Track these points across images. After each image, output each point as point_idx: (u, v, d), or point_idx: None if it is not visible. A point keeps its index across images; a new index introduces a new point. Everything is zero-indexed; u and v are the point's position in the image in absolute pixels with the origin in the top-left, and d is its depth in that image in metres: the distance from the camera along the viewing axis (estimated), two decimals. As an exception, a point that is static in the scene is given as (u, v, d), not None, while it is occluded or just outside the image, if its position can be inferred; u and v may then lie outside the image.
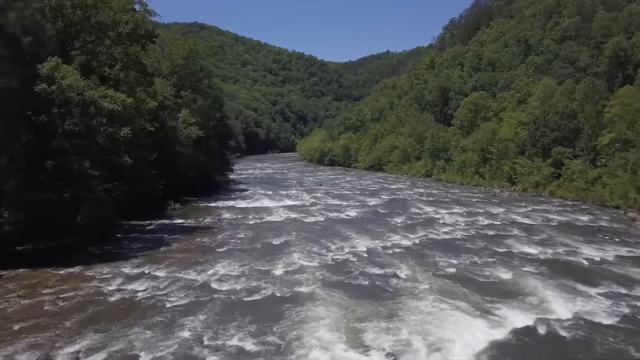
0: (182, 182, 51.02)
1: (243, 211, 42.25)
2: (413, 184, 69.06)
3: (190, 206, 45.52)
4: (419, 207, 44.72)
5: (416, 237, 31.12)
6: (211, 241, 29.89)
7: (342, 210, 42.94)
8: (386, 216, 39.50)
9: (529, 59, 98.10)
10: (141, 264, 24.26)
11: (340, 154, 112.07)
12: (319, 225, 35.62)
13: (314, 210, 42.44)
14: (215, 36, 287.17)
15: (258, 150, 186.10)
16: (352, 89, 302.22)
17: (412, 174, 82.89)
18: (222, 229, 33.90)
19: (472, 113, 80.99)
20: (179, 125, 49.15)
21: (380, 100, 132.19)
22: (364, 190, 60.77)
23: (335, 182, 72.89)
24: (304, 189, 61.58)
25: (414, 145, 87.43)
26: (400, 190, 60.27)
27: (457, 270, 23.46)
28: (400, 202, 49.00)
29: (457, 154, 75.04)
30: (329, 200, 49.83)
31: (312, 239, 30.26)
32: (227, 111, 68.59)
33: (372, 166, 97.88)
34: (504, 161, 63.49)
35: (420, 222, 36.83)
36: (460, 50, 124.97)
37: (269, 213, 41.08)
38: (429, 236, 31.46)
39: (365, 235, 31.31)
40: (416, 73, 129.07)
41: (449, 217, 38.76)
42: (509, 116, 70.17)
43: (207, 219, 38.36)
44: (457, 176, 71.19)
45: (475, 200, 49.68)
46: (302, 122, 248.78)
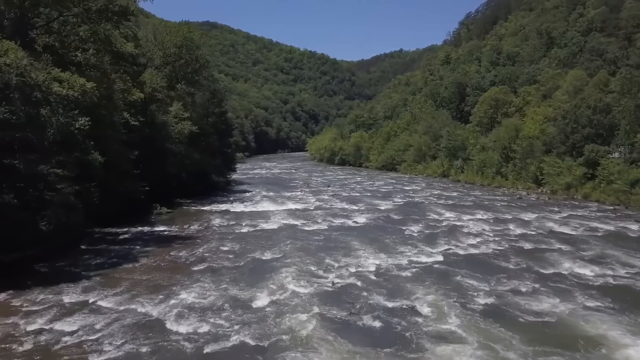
0: (175, 183, 45.88)
1: (237, 216, 36.85)
2: (429, 185, 63.16)
3: (180, 210, 40.23)
4: (437, 212, 38.95)
5: (437, 251, 25.39)
6: (188, 256, 24.46)
7: (349, 215, 37.33)
8: (400, 223, 33.79)
9: (552, 52, 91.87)
10: (90, 289, 18.91)
11: (351, 153, 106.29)
12: (321, 234, 30.05)
13: (318, 216, 36.87)
14: (227, 35, 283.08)
15: (268, 149, 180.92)
16: (364, 87, 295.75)
17: (427, 175, 76.94)
18: (207, 240, 28.47)
19: (492, 109, 74.91)
20: (170, 120, 43.94)
21: (393, 97, 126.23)
22: (376, 192, 55.06)
23: (345, 182, 67.23)
24: (309, 191, 56.05)
25: (429, 144, 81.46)
26: (416, 192, 54.45)
27: (495, 301, 17.72)
28: (416, 206, 43.25)
29: (476, 153, 69.02)
30: (336, 204, 44.25)
31: (310, 254, 24.70)
32: (228, 106, 63.42)
33: (384, 166, 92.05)
34: (529, 160, 57.41)
35: (441, 231, 31.07)
36: (477, 45, 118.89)
37: (266, 219, 35.61)
38: (453, 250, 25.70)
39: (375, 249, 25.68)
40: (431, 69, 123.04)
41: (473, 225, 32.94)
42: (533, 111, 64.07)
43: (194, 226, 32.99)
44: (477, 177, 65.18)
45: (500, 204, 43.76)
46: (313, 121, 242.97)
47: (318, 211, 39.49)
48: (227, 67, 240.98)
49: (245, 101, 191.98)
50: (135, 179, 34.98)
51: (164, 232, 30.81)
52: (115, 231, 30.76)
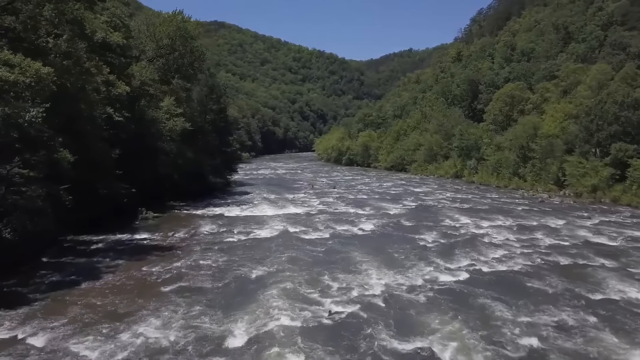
0: (168, 184, 42.22)
1: (230, 222, 32.97)
2: (441, 186, 58.92)
3: (169, 214, 36.42)
4: (453, 217, 34.80)
5: (456, 268, 21.30)
6: (162, 272, 20.57)
7: (355, 221, 33.29)
8: (412, 231, 29.71)
9: (570, 47, 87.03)
10: (27, 318, 15.10)
11: (358, 153, 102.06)
12: (321, 244, 26.05)
13: (319, 222, 32.87)
14: (235, 34, 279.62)
15: (275, 149, 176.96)
16: (373, 87, 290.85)
17: (439, 175, 72.64)
18: (189, 251, 24.58)
19: (507, 106, 70.42)
20: (161, 116, 40.19)
21: (402, 95, 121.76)
22: (384, 194, 50.94)
23: (351, 184, 63.16)
24: (313, 193, 52.07)
25: (440, 143, 77.16)
26: (428, 194, 50.27)
27: (537, 343, 13.62)
28: (429, 210, 39.13)
29: (491, 153, 64.69)
30: (341, 208, 40.23)
31: (306, 270, 20.72)
32: (230, 103, 59.45)
33: (393, 166, 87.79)
34: (550, 160, 53.03)
35: (459, 241, 26.94)
36: (490, 42, 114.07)
37: (261, 225, 31.70)
38: (476, 267, 21.56)
39: (383, 264, 21.63)
40: (442, 66, 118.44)
41: (495, 233, 28.78)
42: (553, 108, 59.61)
43: (180, 233, 29.13)
44: (492, 178, 60.84)
45: (521, 209, 39.51)
46: (321, 121, 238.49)
47: (320, 216, 35.50)
48: (234, 67, 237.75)
49: (253, 100, 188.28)
50: (117, 180, 31.29)
51: (143, 241, 26.97)
52: (90, 239, 27.01)
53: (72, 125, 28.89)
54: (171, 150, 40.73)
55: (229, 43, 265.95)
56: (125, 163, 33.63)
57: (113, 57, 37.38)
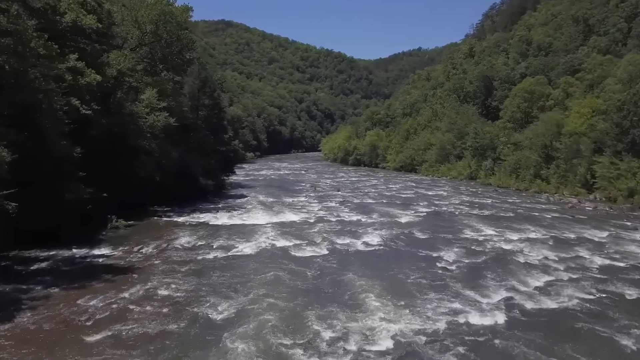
0: (151, 188, 37.34)
1: (213, 232, 27.89)
2: (455, 189, 53.49)
3: (146, 223, 31.35)
4: (474, 227, 29.45)
5: (492, 303, 15.96)
6: (101, 307, 15.45)
7: (359, 232, 28.05)
8: (427, 246, 24.41)
9: (591, 40, 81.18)
10: None
11: (366, 153, 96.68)
12: (315, 266, 20.85)
13: (317, 233, 27.66)
14: (242, 33, 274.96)
15: (281, 149, 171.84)
16: (382, 86, 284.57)
17: (451, 177, 67.20)
18: (149, 274, 19.45)
19: (526, 102, 64.78)
20: (141, 110, 35.21)
21: (412, 93, 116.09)
22: (394, 198, 45.62)
23: (358, 186, 57.87)
24: (315, 196, 46.89)
25: (453, 142, 71.73)
26: (442, 198, 44.87)
27: None
28: (445, 218, 33.77)
29: (509, 153, 59.21)
30: (344, 214, 35.01)
31: (290, 308, 15.53)
32: (223, 97, 54.40)
33: (402, 167, 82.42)
34: (577, 161, 47.49)
35: (487, 260, 21.61)
36: (504, 37, 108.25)
37: (248, 237, 26.56)
38: (516, 301, 16.22)
39: (394, 298, 16.36)
40: (453, 62, 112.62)
41: (529, 250, 23.42)
42: (578, 104, 53.94)
43: (148, 248, 24.04)
44: (511, 179, 55.34)
45: (550, 216, 34.07)
46: (329, 121, 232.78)
47: (319, 225, 30.28)
48: (241, 66, 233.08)
49: (259, 99, 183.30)
50: (80, 183, 26.34)
51: (98, 259, 21.89)
52: (36, 255, 22.05)
53: (25, 118, 24.18)
54: (153, 149, 35.72)
55: (236, 42, 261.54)
56: (95, 163, 28.82)
57: (86, 43, 32.58)
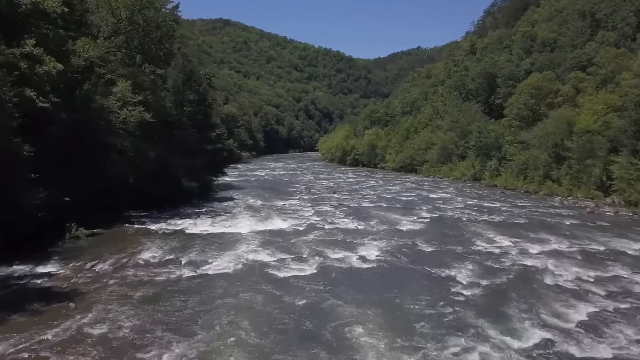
0: (127, 190, 33.58)
1: (187, 243, 24.07)
2: (460, 191, 49.70)
3: (113, 231, 27.47)
4: (486, 236, 25.65)
5: (524, 349, 12.17)
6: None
7: (354, 244, 24.22)
8: (435, 262, 20.58)
9: (599, 35, 77.41)
10: None
11: (364, 153, 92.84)
12: (298, 290, 17.03)
13: (307, 245, 23.83)
14: (240, 32, 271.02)
15: (279, 149, 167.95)
16: (381, 85, 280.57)
17: (454, 177, 63.42)
18: (92, 302, 15.60)
19: (533, 99, 61.03)
20: (112, 104, 31.35)
21: (412, 91, 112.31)
22: (393, 201, 41.82)
23: (355, 187, 54.04)
24: (309, 199, 43.10)
25: (455, 141, 67.95)
26: (445, 201, 41.08)
27: None
28: (452, 225, 29.96)
29: (516, 152, 55.43)
30: (339, 221, 31.20)
31: (258, 351, 11.76)
32: (214, 93, 50.40)
33: (402, 167, 78.65)
34: (590, 161, 43.72)
35: (510, 283, 17.79)
36: (507, 33, 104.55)
37: (226, 249, 22.75)
38: (559, 346, 12.39)
39: (396, 337, 12.58)
40: (454, 59, 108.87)
41: (556, 267, 19.60)
42: (590, 100, 50.18)
43: (104, 264, 20.20)
44: (518, 181, 51.54)
45: (569, 223, 30.29)
46: (327, 120, 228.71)
47: (310, 235, 26.46)
48: (239, 64, 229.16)
49: (256, 98, 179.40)
50: (30, 186, 22.54)
51: (36, 281, 18.03)
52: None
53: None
54: (126, 147, 31.89)
55: (234, 41, 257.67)
56: (55, 163, 25.16)
57: (49, 29, 28.86)
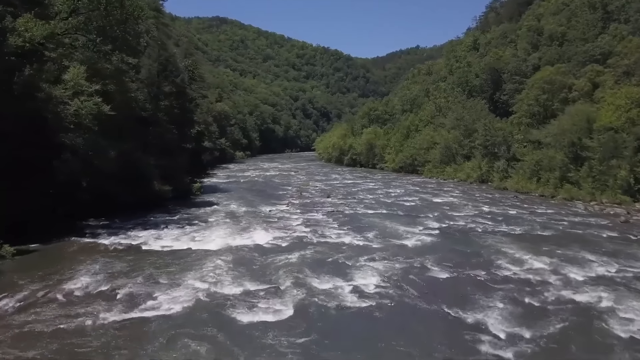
0: (83, 196, 28.58)
1: (135, 265, 18.89)
2: (467, 194, 44.58)
3: (50, 247, 22.26)
4: (512, 257, 20.51)
5: None
6: None
7: (348, 267, 19.04)
8: (453, 298, 15.41)
9: (611, 28, 72.40)
10: None
11: (362, 152, 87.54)
12: (265, 347, 11.90)
13: (287, 270, 18.62)
14: (237, 30, 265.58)
15: (275, 148, 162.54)
16: (379, 84, 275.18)
17: (459, 179, 58.32)
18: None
19: (545, 94, 55.88)
20: (61, 93, 26.13)
21: (412, 88, 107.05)
22: (395, 207, 36.66)
23: (352, 190, 48.88)
24: (300, 204, 38.00)
25: (460, 140, 62.82)
26: (454, 207, 35.90)
27: None
28: (468, 239, 24.81)
29: (527, 152, 50.36)
30: (332, 233, 26.07)
31: None
32: (196, 85, 45.16)
33: (402, 167, 73.45)
34: (615, 162, 38.67)
35: (562, 332, 12.72)
36: (511, 28, 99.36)
37: (181, 276, 17.58)
38: None
39: None
40: (456, 55, 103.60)
41: (616, 304, 14.56)
42: (612, 94, 45.12)
43: (12, 298, 15.08)
44: (531, 184, 46.42)
45: (606, 236, 25.22)
46: (325, 119, 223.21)
47: (294, 254, 21.28)
48: (235, 62, 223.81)
49: (252, 97, 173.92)
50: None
51: None
52: None
53: None
54: (77, 144, 26.68)
55: (231, 39, 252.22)
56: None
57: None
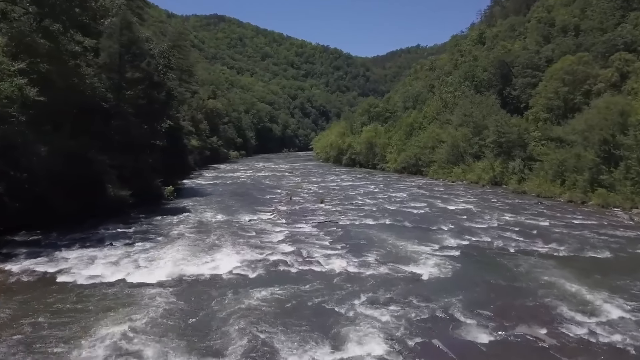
0: (19, 201, 22.57)
1: (25, 312, 12.76)
2: (483, 199, 38.34)
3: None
4: (572, 295, 14.34)
5: None
6: None
7: (339, 317, 12.88)
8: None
9: (632, 17, 66.25)
10: None
11: (362, 152, 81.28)
12: None
13: (246, 324, 12.50)
14: (235, 28, 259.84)
15: (272, 147, 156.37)
16: (379, 83, 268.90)
17: (469, 181, 52.16)
18: None
19: (566, 86, 49.75)
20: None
21: (414, 85, 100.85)
22: (400, 216, 30.45)
23: (350, 194, 42.66)
24: (288, 211, 31.85)
25: (469, 138, 56.57)
26: (471, 216, 29.65)
27: None
28: (500, 263, 18.62)
29: (548, 151, 44.20)
30: (320, 255, 19.90)
31: None
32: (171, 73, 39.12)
33: (405, 168, 67.24)
34: (659, 162, 32.53)
35: None
36: (520, 21, 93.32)
37: (80, 336, 11.46)
38: None
39: None
40: (461, 49, 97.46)
41: None
42: (648, 85, 39.06)
43: None
44: (555, 187, 40.22)
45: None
46: (324, 118, 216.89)
47: (262, 294, 15.08)
48: (232, 60, 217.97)
49: (249, 95, 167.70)
50: None
51: None
52: None
53: None
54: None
55: (229, 37, 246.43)
56: None
57: None
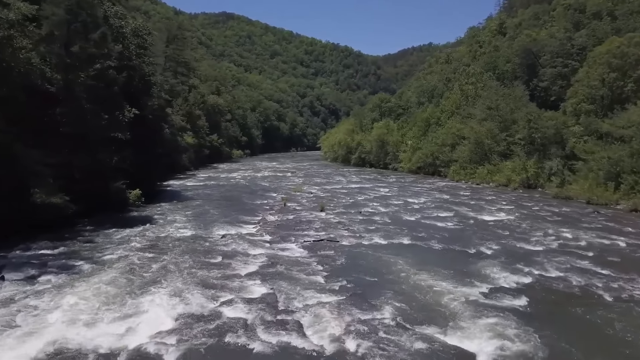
0: None
1: None
2: (521, 207, 30.87)
3: None
4: None
5: None
6: None
7: None
8: None
9: (679, -3, 58.41)
10: None
11: (372, 150, 73.88)
12: None
13: None
14: (244, 26, 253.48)
15: (279, 147, 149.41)
16: (390, 82, 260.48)
17: (496, 183, 44.74)
18: None
19: (614, 72, 42.07)
20: None
21: (429, 79, 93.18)
22: (422, 230, 23.21)
23: (358, 198, 35.42)
24: (278, 222, 24.81)
25: (495, 135, 49.03)
26: (516, 232, 22.31)
27: None
28: (585, 319, 11.42)
29: (598, 148, 36.73)
30: (307, 305, 12.93)
31: None
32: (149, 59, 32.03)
33: (421, 168, 59.90)
34: None
35: None
36: (544, 9, 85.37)
37: None
38: None
39: None
40: (479, 40, 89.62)
41: None
42: None
43: None
44: (609, 192, 32.71)
45: None
46: (333, 117, 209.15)
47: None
48: (240, 58, 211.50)
49: (256, 92, 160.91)
50: None
51: None
52: None
53: None
54: None
55: (237, 35, 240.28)
56: None
57: None
